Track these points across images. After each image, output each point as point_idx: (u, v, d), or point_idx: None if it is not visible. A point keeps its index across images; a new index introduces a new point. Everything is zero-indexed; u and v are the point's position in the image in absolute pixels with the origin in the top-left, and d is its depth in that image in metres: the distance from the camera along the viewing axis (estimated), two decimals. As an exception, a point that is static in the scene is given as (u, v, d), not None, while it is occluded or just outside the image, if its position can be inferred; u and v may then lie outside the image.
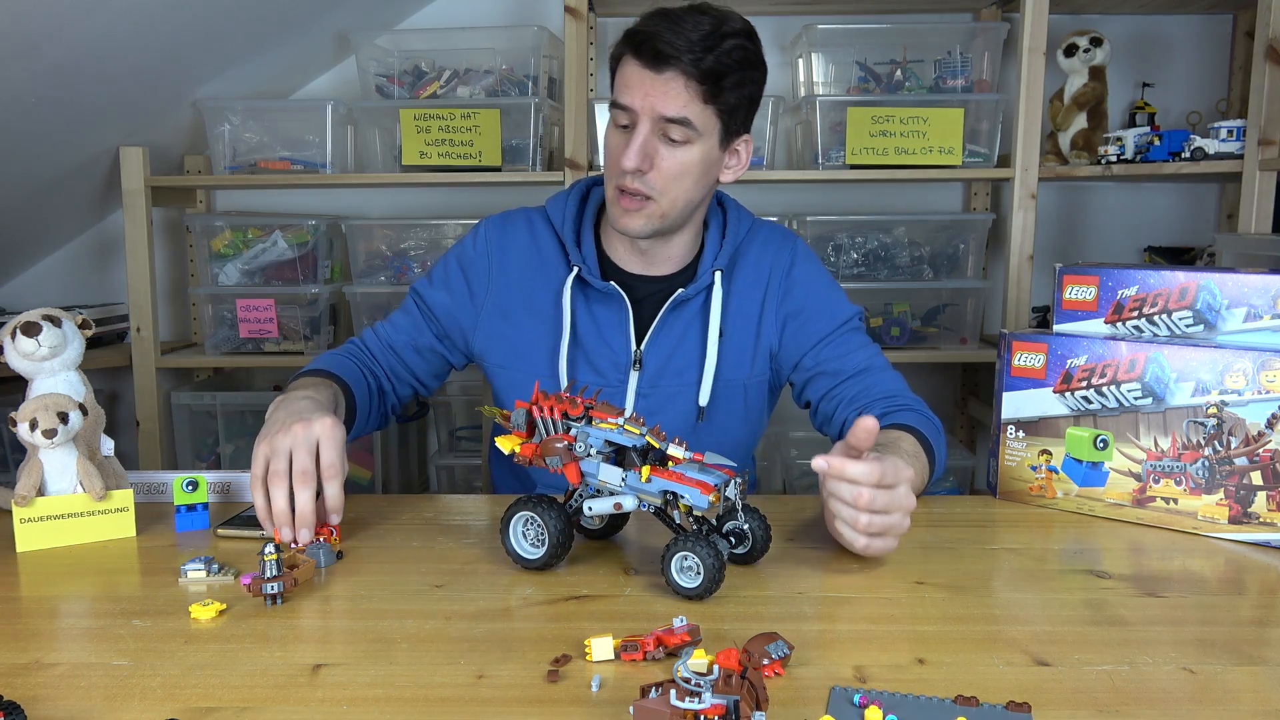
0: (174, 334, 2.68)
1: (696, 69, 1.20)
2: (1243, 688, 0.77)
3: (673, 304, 1.36)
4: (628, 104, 1.24)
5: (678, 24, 1.21)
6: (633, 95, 1.23)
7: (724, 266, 1.38)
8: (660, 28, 1.21)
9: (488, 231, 1.44)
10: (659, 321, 1.36)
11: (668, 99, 1.22)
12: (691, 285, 1.36)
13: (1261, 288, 1.12)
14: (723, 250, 1.38)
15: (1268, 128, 1.96)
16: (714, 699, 0.65)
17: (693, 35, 1.21)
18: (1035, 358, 1.22)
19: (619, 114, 1.27)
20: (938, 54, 2.31)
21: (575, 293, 1.37)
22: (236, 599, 0.94)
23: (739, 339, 1.39)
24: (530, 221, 1.44)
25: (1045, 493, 1.23)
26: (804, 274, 1.41)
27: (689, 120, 1.23)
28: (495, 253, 1.42)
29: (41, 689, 0.77)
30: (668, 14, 1.23)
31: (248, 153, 2.32)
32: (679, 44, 1.20)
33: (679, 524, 0.97)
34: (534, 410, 1.02)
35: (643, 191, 1.26)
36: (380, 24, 2.44)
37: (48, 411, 1.08)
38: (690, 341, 1.37)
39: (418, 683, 0.78)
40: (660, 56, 1.21)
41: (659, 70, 1.21)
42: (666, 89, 1.22)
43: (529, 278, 1.40)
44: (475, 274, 1.42)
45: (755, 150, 2.27)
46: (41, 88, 1.83)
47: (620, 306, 1.37)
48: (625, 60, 1.26)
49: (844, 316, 1.40)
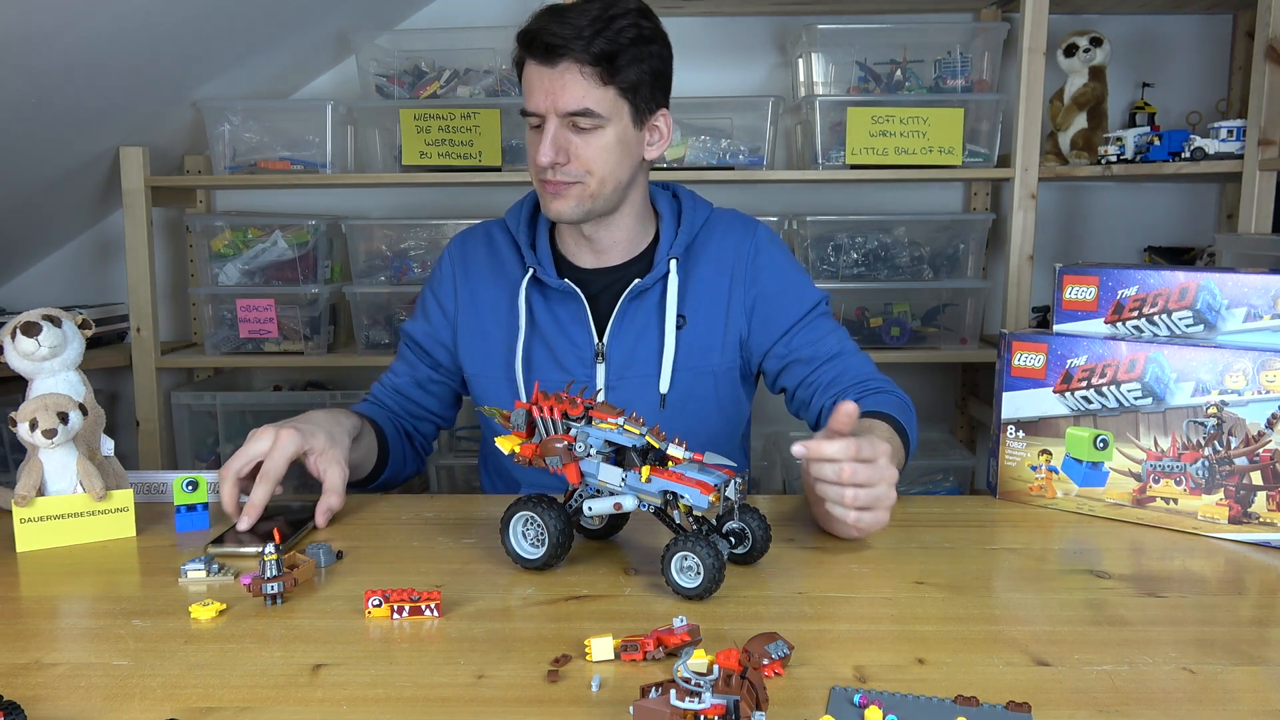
0: (174, 334, 2.68)
1: (588, 53, 1.24)
2: (1243, 688, 0.77)
3: (631, 295, 1.38)
4: (532, 109, 1.28)
5: (563, 16, 1.25)
6: (535, 98, 1.27)
7: (680, 255, 1.39)
8: (546, 22, 1.25)
9: (451, 252, 1.49)
10: (618, 313, 1.38)
11: (565, 92, 1.25)
12: (648, 275, 1.38)
13: (1261, 288, 1.12)
14: (678, 239, 1.40)
15: (1268, 128, 1.96)
16: (714, 699, 0.65)
17: (579, 22, 1.24)
18: (1035, 358, 1.22)
19: (529, 119, 1.30)
20: (938, 54, 2.31)
21: (534, 293, 1.41)
22: (236, 599, 0.94)
23: (705, 326, 1.40)
24: (489, 232, 1.49)
25: (1045, 493, 1.23)
26: (769, 260, 1.42)
27: (590, 110, 1.26)
28: (459, 269, 1.47)
29: (41, 689, 0.77)
30: (555, 9, 1.27)
31: (248, 153, 2.32)
32: (565, 33, 1.23)
33: (679, 524, 0.97)
34: (534, 410, 1.02)
35: (564, 180, 1.29)
36: (380, 24, 2.44)
37: (48, 411, 1.08)
38: (652, 331, 1.39)
39: (418, 683, 0.78)
40: (550, 50, 1.24)
41: (553, 64, 1.25)
42: (563, 81, 1.25)
43: (491, 285, 1.44)
44: (444, 294, 1.47)
45: (755, 150, 2.30)
46: (42, 88, 1.83)
47: (577, 302, 1.39)
48: (525, 63, 1.29)
49: (811, 301, 1.42)
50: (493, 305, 1.44)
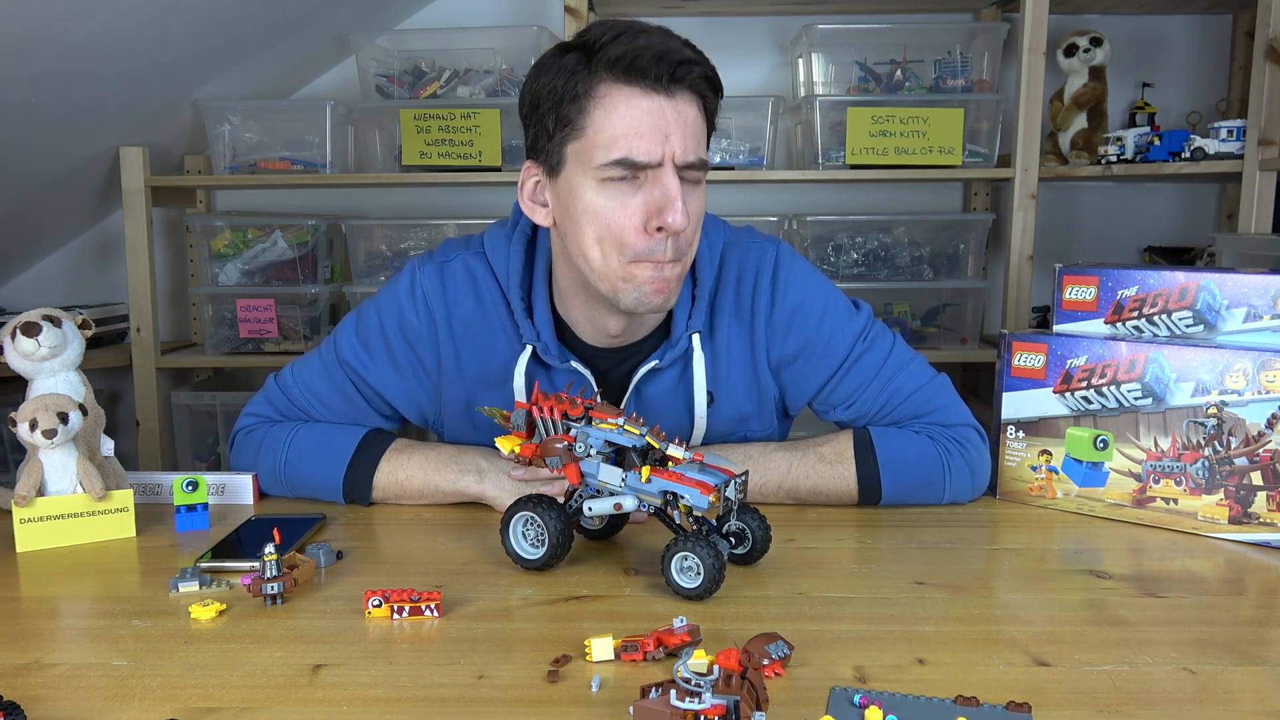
0: (174, 334, 2.68)
1: (713, 75, 1.04)
2: (1243, 688, 0.77)
3: (645, 375, 1.18)
4: (644, 158, 1.00)
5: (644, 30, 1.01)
6: (647, 141, 1.00)
7: (701, 329, 1.17)
8: (649, 40, 1.00)
9: (426, 290, 1.21)
10: (631, 398, 1.19)
11: (689, 131, 1.02)
12: (665, 353, 1.17)
13: (1261, 288, 1.12)
14: (696, 306, 1.17)
15: (1268, 128, 1.96)
16: (714, 699, 0.64)
17: (675, 39, 1.02)
18: (1035, 358, 1.22)
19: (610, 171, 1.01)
20: (938, 54, 2.31)
21: (533, 368, 1.18)
22: (236, 599, 0.94)
23: (733, 398, 1.22)
24: (472, 274, 1.21)
25: (1045, 493, 1.23)
26: (789, 305, 1.20)
27: (705, 161, 1.05)
28: (439, 319, 1.20)
29: (41, 689, 0.77)
30: (631, 28, 1.02)
31: (248, 153, 2.32)
32: (676, 47, 1.01)
33: (679, 524, 0.97)
34: (534, 410, 1.02)
35: (675, 259, 1.05)
36: (380, 24, 2.44)
37: (48, 411, 1.08)
38: (672, 412, 1.20)
39: (418, 683, 0.78)
40: (673, 71, 1.00)
41: (670, 92, 1.01)
42: (684, 119, 1.01)
43: (479, 348, 1.21)
44: (424, 346, 1.22)
45: (755, 150, 2.30)
46: (42, 88, 1.83)
47: (583, 386, 1.18)
48: (610, 92, 1.01)
49: (848, 344, 1.20)
50: (481, 373, 1.21)
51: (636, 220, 1.03)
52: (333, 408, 1.26)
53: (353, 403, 1.26)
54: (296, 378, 1.28)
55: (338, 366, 1.25)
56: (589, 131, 1.02)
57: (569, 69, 1.03)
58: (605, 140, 1.01)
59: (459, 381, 1.23)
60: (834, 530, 1.14)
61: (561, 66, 1.04)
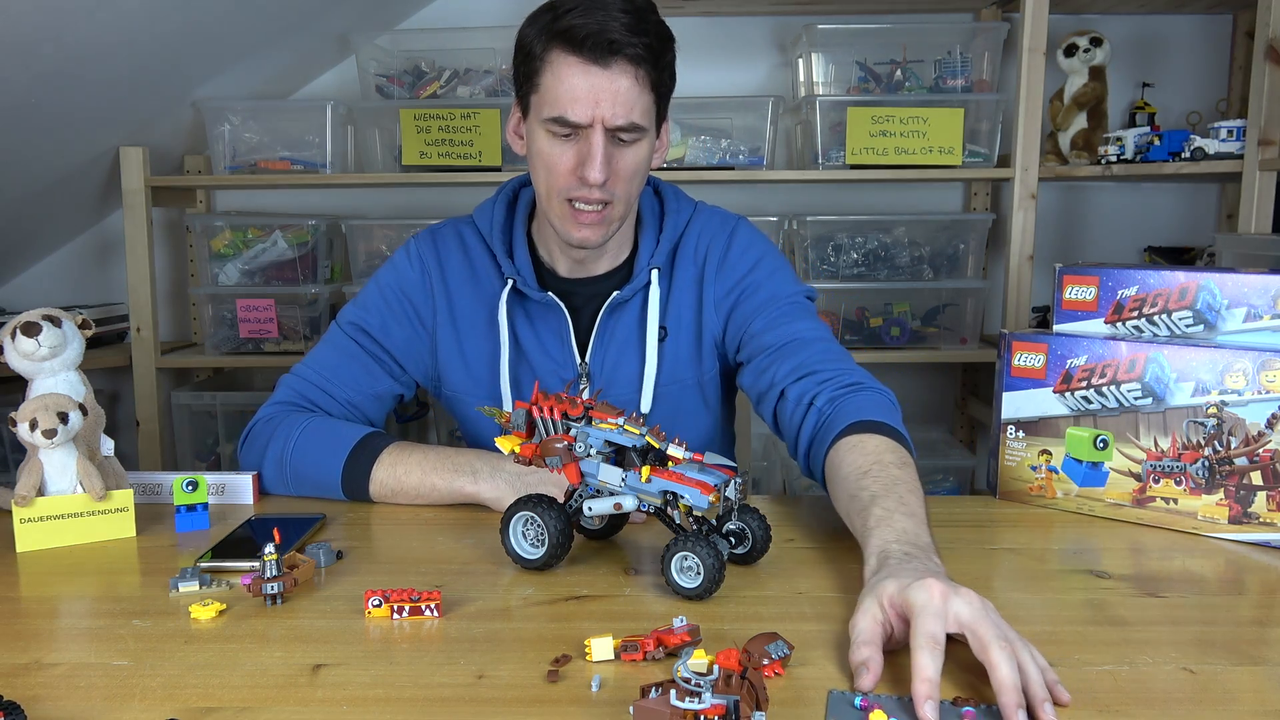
0: (174, 334, 2.68)
1: (644, 52, 1.13)
2: (1243, 688, 0.77)
3: (610, 307, 1.30)
4: (575, 118, 1.14)
5: (601, 7, 1.11)
6: (580, 106, 1.13)
7: (662, 265, 1.31)
8: (592, 14, 1.11)
9: (420, 250, 1.36)
10: (598, 328, 1.31)
11: (620, 99, 1.14)
12: (627, 287, 1.30)
13: (1261, 288, 1.12)
14: (659, 246, 1.31)
15: (1268, 128, 1.96)
16: (714, 699, 0.65)
17: (622, 17, 1.11)
18: (1035, 358, 1.22)
19: (554, 126, 1.16)
20: (938, 54, 2.31)
21: (514, 306, 1.32)
22: (236, 599, 0.94)
23: (683, 337, 1.33)
24: (460, 234, 1.37)
25: (1045, 493, 1.23)
26: (740, 255, 1.32)
27: (636, 123, 1.16)
28: (433, 272, 1.35)
29: (41, 689, 0.77)
30: (584, 1, 1.13)
31: (248, 153, 2.32)
32: (615, 27, 1.11)
33: (679, 524, 0.97)
34: (534, 410, 1.02)
35: (604, 199, 1.20)
36: (380, 24, 2.44)
37: (48, 411, 1.08)
38: (633, 346, 1.32)
39: (418, 683, 0.78)
40: (610, 47, 1.11)
41: (606, 64, 1.12)
42: (616, 86, 1.13)
43: (468, 295, 1.34)
44: (420, 298, 1.35)
45: (755, 150, 2.30)
46: (42, 88, 1.83)
47: (559, 316, 1.31)
48: (557, 59, 1.14)
49: (787, 293, 1.30)
50: (470, 319, 1.34)
51: (568, 166, 1.19)
52: (343, 376, 1.33)
53: (361, 363, 1.33)
54: (306, 362, 1.36)
55: (342, 334, 1.35)
56: (541, 89, 1.18)
57: (536, 31, 1.18)
58: (550, 99, 1.16)
59: (451, 326, 1.34)
60: (834, 530, 1.13)
61: (534, 25, 1.19)
